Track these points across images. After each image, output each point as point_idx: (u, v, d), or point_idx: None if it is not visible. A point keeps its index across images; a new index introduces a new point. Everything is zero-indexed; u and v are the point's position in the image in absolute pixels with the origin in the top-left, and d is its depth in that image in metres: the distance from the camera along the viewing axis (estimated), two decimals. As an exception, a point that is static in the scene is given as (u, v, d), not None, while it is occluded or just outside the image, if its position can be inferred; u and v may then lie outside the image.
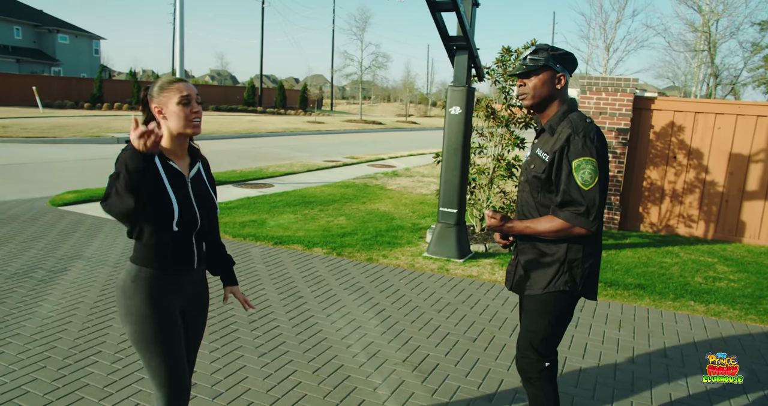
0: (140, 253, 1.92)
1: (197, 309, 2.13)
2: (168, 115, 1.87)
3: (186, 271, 2.00)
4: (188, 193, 1.93)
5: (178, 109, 1.86)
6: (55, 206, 7.28)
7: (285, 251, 5.69)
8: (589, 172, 2.05)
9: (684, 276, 5.35)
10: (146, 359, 1.94)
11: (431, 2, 5.01)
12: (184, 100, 1.87)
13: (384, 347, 3.54)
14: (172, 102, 1.86)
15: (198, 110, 1.91)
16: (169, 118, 1.87)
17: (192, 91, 1.91)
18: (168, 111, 1.87)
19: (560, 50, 2.18)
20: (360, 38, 41.89)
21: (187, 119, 1.88)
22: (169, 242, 1.90)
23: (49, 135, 15.79)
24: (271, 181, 10.17)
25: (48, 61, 41.94)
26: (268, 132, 22.09)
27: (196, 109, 1.90)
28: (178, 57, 9.42)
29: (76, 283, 4.46)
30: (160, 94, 1.87)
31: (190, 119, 1.89)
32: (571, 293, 2.22)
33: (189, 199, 1.92)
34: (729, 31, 19.72)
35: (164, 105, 1.87)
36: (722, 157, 6.97)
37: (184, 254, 1.97)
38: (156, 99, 1.88)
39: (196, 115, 1.90)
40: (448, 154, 5.59)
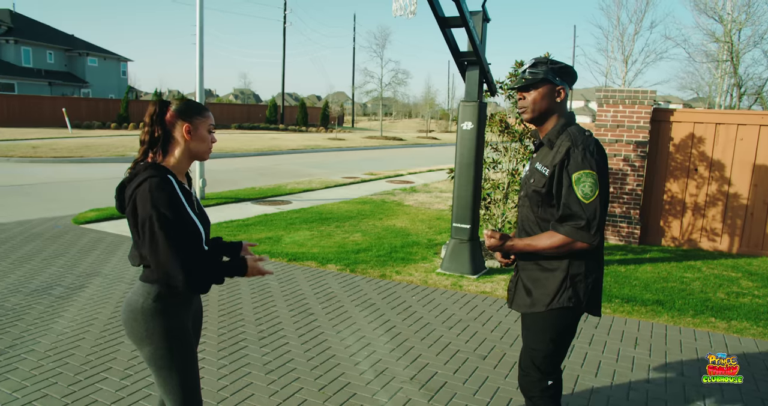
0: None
1: (198, 323, 2.18)
2: (197, 138, 1.95)
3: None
4: (197, 211, 1.98)
5: (206, 135, 1.98)
6: (78, 224, 7.45)
7: (299, 267, 5.70)
8: (589, 186, 2.02)
9: (705, 292, 5.20)
10: (166, 378, 1.93)
11: (441, 18, 5.05)
12: (212, 128, 2.02)
13: (392, 365, 3.50)
14: (203, 127, 1.97)
15: (215, 140, 2.06)
16: (197, 140, 1.95)
17: (214, 121, 2.06)
18: (198, 135, 1.95)
19: (559, 63, 2.17)
20: (380, 55, 42.48)
21: (208, 146, 2.00)
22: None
23: (76, 155, 16.24)
24: (289, 198, 10.26)
25: (78, 84, 43.30)
26: (289, 149, 22.35)
27: (215, 139, 2.06)
28: (197, 77, 9.62)
29: (92, 300, 4.53)
30: (194, 117, 1.95)
31: (210, 146, 2.02)
32: (575, 309, 2.18)
33: (200, 217, 1.97)
34: (752, 41, 19.38)
35: (196, 127, 1.95)
36: (746, 169, 6.80)
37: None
38: (188, 119, 1.94)
39: (213, 144, 2.04)
40: (460, 170, 5.57)
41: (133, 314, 1.91)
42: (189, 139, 1.94)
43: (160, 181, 1.81)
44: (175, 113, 1.93)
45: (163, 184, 1.81)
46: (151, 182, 1.79)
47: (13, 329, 3.86)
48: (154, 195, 1.78)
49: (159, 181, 1.80)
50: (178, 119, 1.93)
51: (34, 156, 15.56)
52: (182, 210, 1.84)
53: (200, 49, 9.60)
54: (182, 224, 1.82)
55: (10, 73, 37.74)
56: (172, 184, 1.84)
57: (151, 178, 1.81)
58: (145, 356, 1.93)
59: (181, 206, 1.83)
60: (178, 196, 1.84)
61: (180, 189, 1.88)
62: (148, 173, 1.82)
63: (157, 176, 1.81)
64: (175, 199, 1.82)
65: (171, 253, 1.77)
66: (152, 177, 1.81)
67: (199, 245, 1.92)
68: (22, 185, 10.80)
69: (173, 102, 1.97)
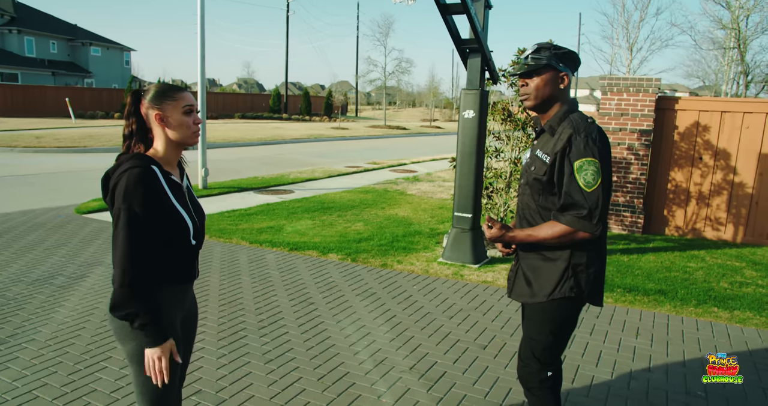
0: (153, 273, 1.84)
1: (191, 323, 2.09)
2: (172, 123, 1.83)
3: (192, 280, 1.98)
4: (187, 203, 1.89)
5: (184, 118, 1.83)
6: (80, 214, 7.46)
7: (300, 257, 5.70)
8: (591, 174, 1.98)
9: (708, 281, 5.16)
10: (142, 377, 1.83)
11: (442, 5, 4.98)
12: (190, 108, 1.85)
13: (392, 355, 3.49)
14: (177, 111, 1.82)
15: (200, 121, 1.89)
16: (174, 127, 1.83)
17: (194, 102, 1.89)
18: (173, 120, 1.82)
19: (563, 49, 2.12)
20: (383, 44, 42.16)
21: (191, 129, 1.86)
22: (184, 255, 1.88)
23: (79, 145, 16.25)
24: (292, 187, 10.24)
25: (81, 73, 43.25)
26: (292, 138, 22.30)
27: (198, 120, 1.89)
28: (199, 67, 9.57)
29: (93, 289, 4.54)
30: (164, 102, 1.82)
31: (194, 130, 1.87)
32: (577, 299, 2.15)
33: (190, 210, 1.89)
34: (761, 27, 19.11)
35: (169, 113, 1.82)
36: (751, 157, 6.73)
37: (192, 263, 1.95)
38: (157, 106, 1.81)
39: (197, 126, 1.88)
40: (462, 159, 5.53)
41: (125, 327, 1.81)
42: (164, 128, 1.83)
43: (141, 173, 1.72)
44: (147, 102, 1.82)
45: (143, 176, 1.71)
46: (131, 174, 1.70)
47: (15, 319, 3.87)
48: (130, 189, 1.69)
49: (140, 173, 1.71)
50: (149, 109, 1.82)
51: (37, 146, 15.58)
52: (157, 207, 1.73)
53: (201, 38, 9.53)
54: (152, 224, 1.72)
55: (13, 63, 37.69)
56: (155, 176, 1.75)
57: (132, 169, 1.72)
58: (127, 352, 1.84)
59: (157, 203, 1.73)
60: (157, 191, 1.74)
61: (166, 180, 1.80)
62: (130, 163, 1.74)
63: (139, 167, 1.73)
64: (152, 195, 1.71)
65: (126, 253, 1.67)
66: (133, 168, 1.72)
67: (186, 240, 1.83)
68: (25, 175, 10.81)
69: (147, 90, 1.85)
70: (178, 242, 1.82)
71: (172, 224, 1.79)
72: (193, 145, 1.93)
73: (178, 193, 1.84)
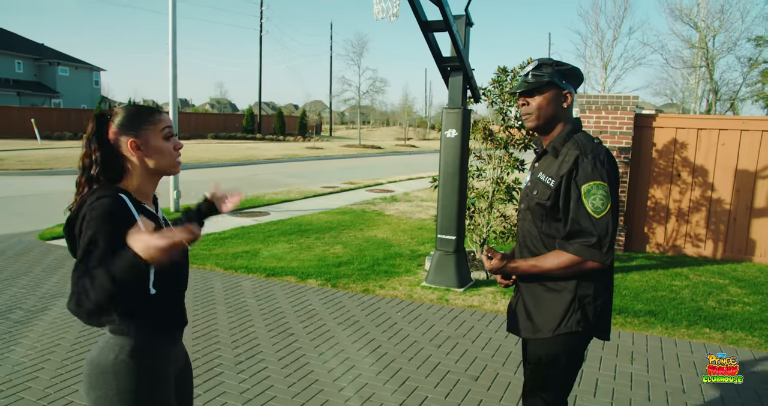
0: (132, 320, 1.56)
1: (187, 371, 1.86)
2: (151, 151, 1.58)
3: (183, 327, 1.76)
4: None
5: (163, 144, 1.60)
6: (44, 240, 7.07)
7: (278, 283, 5.45)
8: (600, 198, 1.84)
9: (696, 300, 5.09)
10: None
11: (423, 22, 4.89)
12: (170, 131, 1.62)
13: (379, 389, 3.28)
14: (155, 136, 1.59)
15: (181, 145, 1.67)
16: (153, 155, 1.59)
17: (171, 123, 1.65)
18: (151, 147, 1.58)
19: (566, 65, 1.98)
20: (357, 63, 42.14)
21: (172, 157, 1.63)
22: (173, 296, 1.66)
23: (45, 167, 15.70)
24: (267, 209, 9.98)
25: (48, 94, 42.29)
26: (267, 159, 22.00)
27: (179, 144, 1.65)
28: (171, 87, 9.31)
29: (55, 324, 4.22)
30: (140, 126, 1.57)
31: (175, 157, 1.64)
32: (584, 334, 1.99)
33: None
34: (726, 47, 19.75)
35: (146, 139, 1.57)
36: (728, 173, 6.77)
37: (181, 306, 1.74)
38: (132, 132, 1.57)
39: (179, 152, 1.66)
40: (444, 179, 5.39)
41: (101, 377, 1.53)
42: (141, 157, 1.58)
43: (108, 202, 1.46)
44: (117, 128, 1.57)
45: (110, 205, 1.45)
46: (95, 204, 1.45)
47: (-35, 360, 3.54)
48: (95, 218, 1.42)
49: (107, 202, 1.45)
50: (121, 135, 1.56)
51: (0, 168, 14.98)
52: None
53: (173, 58, 9.31)
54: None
55: (-24, 83, 36.69)
56: (125, 205, 1.50)
57: (97, 200, 1.46)
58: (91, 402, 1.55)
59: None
60: (131, 221, 1.47)
61: (138, 210, 1.55)
62: (94, 197, 1.48)
63: (104, 197, 1.47)
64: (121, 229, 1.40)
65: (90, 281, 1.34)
66: (99, 198, 1.47)
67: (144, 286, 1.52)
68: (-15, 200, 10.32)
69: (115, 113, 1.59)
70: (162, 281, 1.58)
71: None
72: (175, 174, 1.68)
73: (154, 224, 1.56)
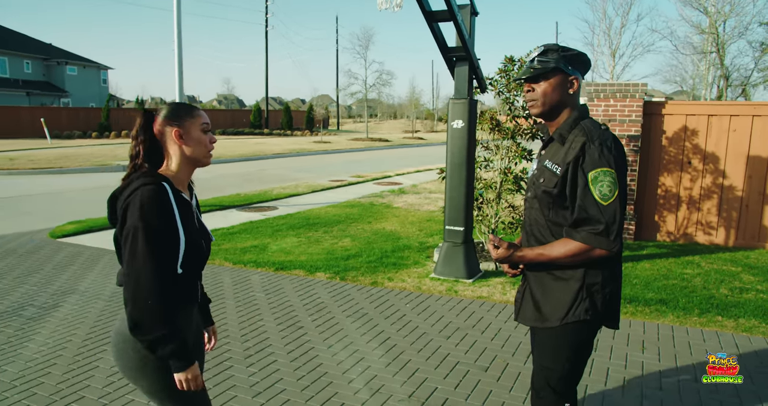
0: None
1: (200, 338, 2.02)
2: (190, 141, 1.80)
3: (196, 302, 1.93)
4: (194, 224, 1.82)
5: (202, 136, 1.82)
6: (55, 238, 7.13)
7: (286, 277, 5.46)
8: (607, 185, 1.81)
9: (708, 288, 5.03)
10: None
11: (427, 12, 4.84)
12: (207, 127, 1.84)
13: (388, 381, 3.27)
14: (196, 128, 1.81)
15: (215, 140, 1.88)
16: (191, 144, 1.80)
17: (209, 120, 1.87)
18: (191, 137, 1.80)
19: (572, 50, 1.94)
20: (363, 56, 41.97)
21: (207, 148, 1.84)
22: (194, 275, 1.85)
23: (55, 166, 15.82)
24: (275, 203, 9.99)
25: (57, 93, 42.55)
26: (274, 154, 22.04)
27: (214, 138, 1.87)
28: (177, 84, 9.33)
29: (66, 320, 4.25)
30: (183, 118, 1.79)
31: (210, 148, 1.86)
32: (592, 323, 1.97)
33: (192, 231, 1.79)
34: (737, 32, 19.43)
35: (188, 129, 1.79)
36: (740, 160, 6.67)
37: (196, 285, 1.89)
38: (176, 122, 1.78)
39: (213, 145, 1.87)
40: (452, 170, 5.36)
41: (124, 344, 1.74)
42: (182, 144, 1.79)
43: (155, 189, 1.66)
44: (163, 120, 1.79)
45: (157, 193, 1.66)
46: (143, 191, 1.65)
47: (-21, 357, 3.58)
48: (146, 207, 1.63)
49: (153, 189, 1.66)
50: (167, 125, 1.78)
51: (11, 168, 15.13)
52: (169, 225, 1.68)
53: (179, 55, 9.32)
54: (170, 241, 1.68)
55: (-14, 84, 36.99)
56: (167, 193, 1.69)
57: (144, 186, 1.66)
58: (146, 389, 1.75)
59: (169, 221, 1.68)
60: (171, 209, 1.69)
61: (176, 200, 1.73)
62: (141, 181, 1.68)
63: (151, 184, 1.67)
64: (165, 212, 1.67)
65: (151, 270, 1.61)
66: (145, 185, 1.66)
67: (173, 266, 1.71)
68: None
69: (160, 109, 1.82)
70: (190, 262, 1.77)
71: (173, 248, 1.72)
72: (207, 165, 1.89)
73: (188, 213, 1.78)
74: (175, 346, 1.63)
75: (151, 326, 1.61)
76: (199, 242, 1.80)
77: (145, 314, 1.60)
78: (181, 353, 1.65)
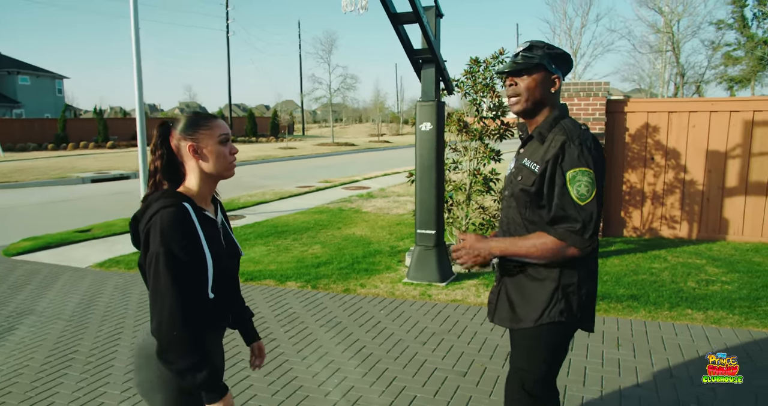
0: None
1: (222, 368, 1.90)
2: (207, 154, 1.66)
3: (227, 323, 1.84)
4: (221, 243, 1.71)
5: (219, 149, 1.67)
6: (9, 256, 6.80)
7: (256, 287, 5.32)
8: (585, 185, 1.78)
9: (676, 282, 5.12)
10: None
11: (392, 15, 4.80)
12: (225, 137, 1.69)
13: (366, 392, 3.19)
14: (212, 140, 1.67)
15: (236, 150, 1.74)
16: (209, 158, 1.66)
17: (229, 130, 1.73)
18: (208, 150, 1.66)
19: (557, 49, 1.92)
20: (327, 61, 41.46)
21: (227, 160, 1.70)
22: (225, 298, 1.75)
23: (9, 180, 15.18)
24: (242, 212, 9.79)
25: (9, 104, 40.99)
26: (240, 161, 21.68)
27: (234, 149, 1.72)
28: (137, 92, 9.04)
29: (23, 343, 4.03)
30: (197, 131, 1.66)
31: (231, 160, 1.72)
32: (568, 325, 1.94)
33: (224, 251, 1.71)
34: (690, 31, 20.11)
35: (204, 143, 1.66)
36: (699, 155, 6.84)
37: (229, 307, 1.80)
38: (191, 136, 1.65)
39: (234, 156, 1.73)
40: (421, 173, 5.32)
41: (147, 360, 1.65)
42: (198, 160, 1.66)
43: (175, 212, 1.56)
44: (178, 133, 1.66)
45: (178, 216, 1.56)
46: (163, 215, 1.55)
47: (-73, 387, 3.34)
48: (166, 231, 1.53)
49: (173, 212, 1.56)
50: (182, 140, 1.66)
51: (-40, 184, 14.44)
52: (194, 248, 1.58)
53: (138, 63, 9.03)
54: (195, 266, 1.58)
55: (-69, 96, 35.35)
56: (188, 214, 1.58)
57: (163, 209, 1.56)
58: (159, 404, 1.66)
59: (193, 244, 1.58)
60: (195, 231, 1.59)
61: (200, 220, 1.62)
62: (161, 204, 1.57)
63: (171, 206, 1.57)
64: (188, 235, 1.57)
65: (174, 297, 1.52)
66: (165, 208, 1.56)
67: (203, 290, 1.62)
68: (-54, 217, 9.91)
69: (178, 120, 1.68)
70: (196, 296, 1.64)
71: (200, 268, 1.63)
72: (230, 177, 1.75)
73: (213, 232, 1.68)
74: (204, 375, 1.53)
75: (176, 356, 1.53)
76: (227, 264, 1.70)
77: (171, 345, 1.53)
78: (212, 384, 1.56)
